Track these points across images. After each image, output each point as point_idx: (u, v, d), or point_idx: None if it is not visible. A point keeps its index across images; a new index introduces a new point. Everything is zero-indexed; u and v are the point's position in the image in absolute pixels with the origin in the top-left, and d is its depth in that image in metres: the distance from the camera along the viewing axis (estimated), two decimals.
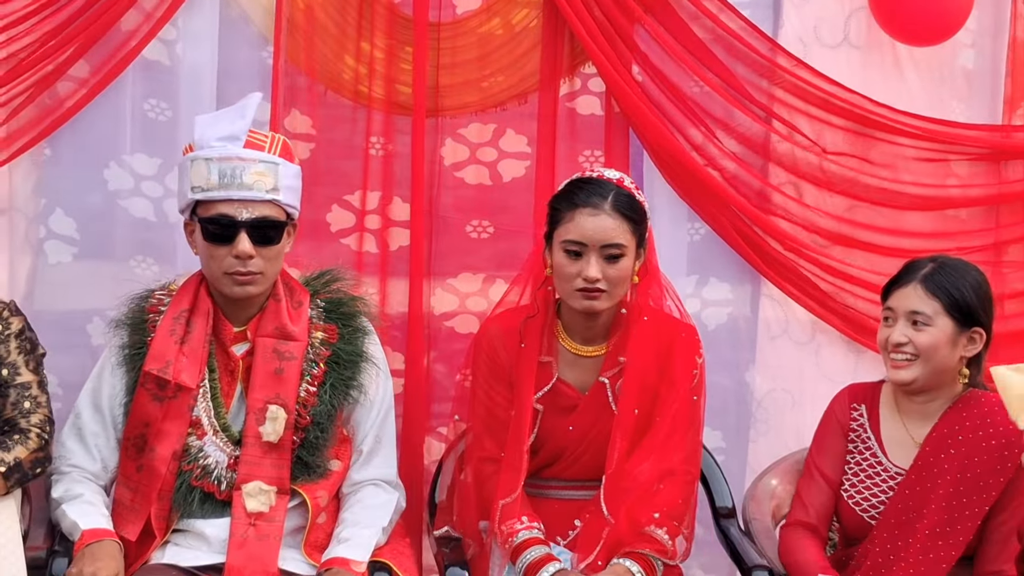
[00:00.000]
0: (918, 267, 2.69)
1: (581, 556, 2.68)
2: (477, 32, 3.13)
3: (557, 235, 2.66)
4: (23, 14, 2.84)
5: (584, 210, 2.62)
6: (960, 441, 2.67)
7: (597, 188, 2.67)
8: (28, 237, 3.04)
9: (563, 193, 2.70)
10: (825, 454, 2.83)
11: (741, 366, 3.34)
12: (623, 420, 2.71)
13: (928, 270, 2.66)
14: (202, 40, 3.02)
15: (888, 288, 2.71)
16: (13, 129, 2.91)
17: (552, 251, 2.69)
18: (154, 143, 3.03)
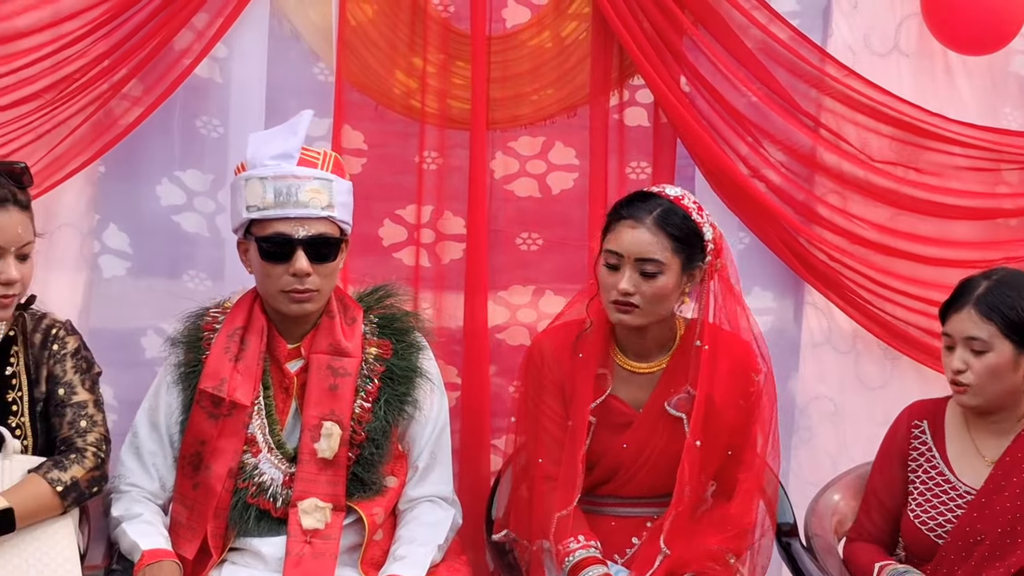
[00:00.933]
0: (972, 287, 2.60)
1: (638, 574, 2.61)
2: (528, 45, 3.07)
3: (602, 246, 2.63)
4: (78, 35, 2.80)
5: (626, 222, 2.56)
6: None
7: (645, 202, 2.59)
8: (83, 252, 2.99)
9: (616, 205, 2.64)
10: (881, 476, 2.77)
11: (783, 374, 3.22)
12: (689, 450, 2.64)
13: (982, 290, 2.57)
14: (252, 57, 2.97)
15: (945, 311, 2.62)
16: (69, 147, 2.85)
17: (599, 262, 2.65)
18: (205, 159, 3.00)
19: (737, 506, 2.70)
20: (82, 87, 2.88)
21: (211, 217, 3.03)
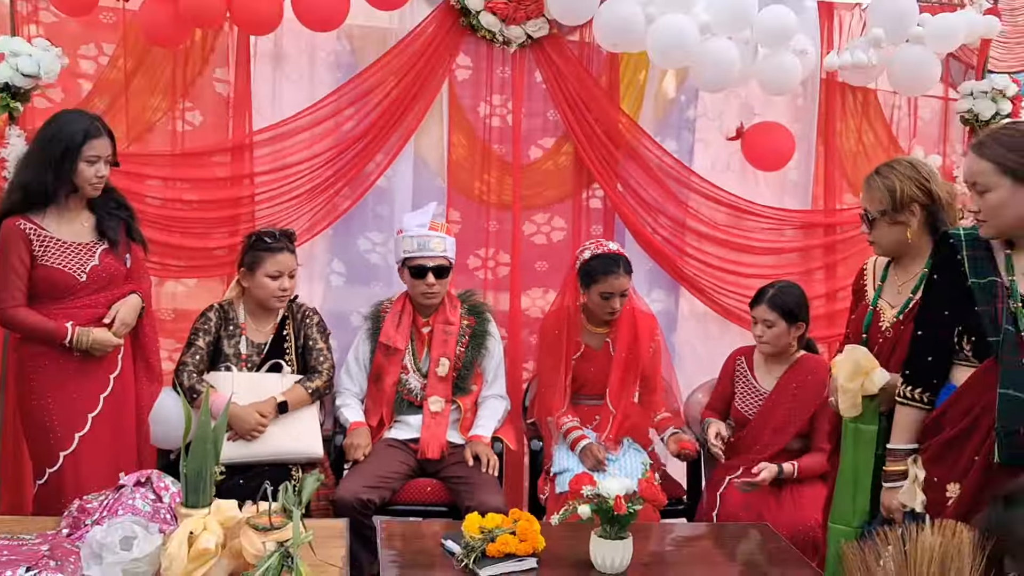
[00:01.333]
0: (765, 291, 3.45)
1: (600, 435, 3.47)
2: (541, 169, 4.01)
3: (597, 287, 3.43)
4: (318, 162, 3.76)
5: (613, 274, 3.40)
6: (797, 379, 3.41)
7: (616, 262, 3.43)
8: (321, 273, 3.97)
9: (603, 264, 3.44)
10: (720, 384, 3.64)
11: (669, 334, 4.09)
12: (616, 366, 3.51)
13: (771, 293, 3.43)
14: (404, 173, 3.95)
15: (752, 303, 3.49)
16: (316, 219, 3.83)
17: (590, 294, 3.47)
18: (381, 226, 3.98)
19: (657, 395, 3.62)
20: (323, 190, 3.79)
21: (385, 255, 3.94)
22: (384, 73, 3.81)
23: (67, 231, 3.03)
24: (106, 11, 3.68)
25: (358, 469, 3.33)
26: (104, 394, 3.09)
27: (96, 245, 3.06)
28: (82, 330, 2.99)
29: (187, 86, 3.78)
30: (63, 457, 3.01)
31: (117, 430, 3.12)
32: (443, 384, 3.52)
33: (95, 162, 2.97)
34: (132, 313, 3.12)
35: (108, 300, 3.10)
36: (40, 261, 2.97)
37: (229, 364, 3.40)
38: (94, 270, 3.03)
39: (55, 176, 2.94)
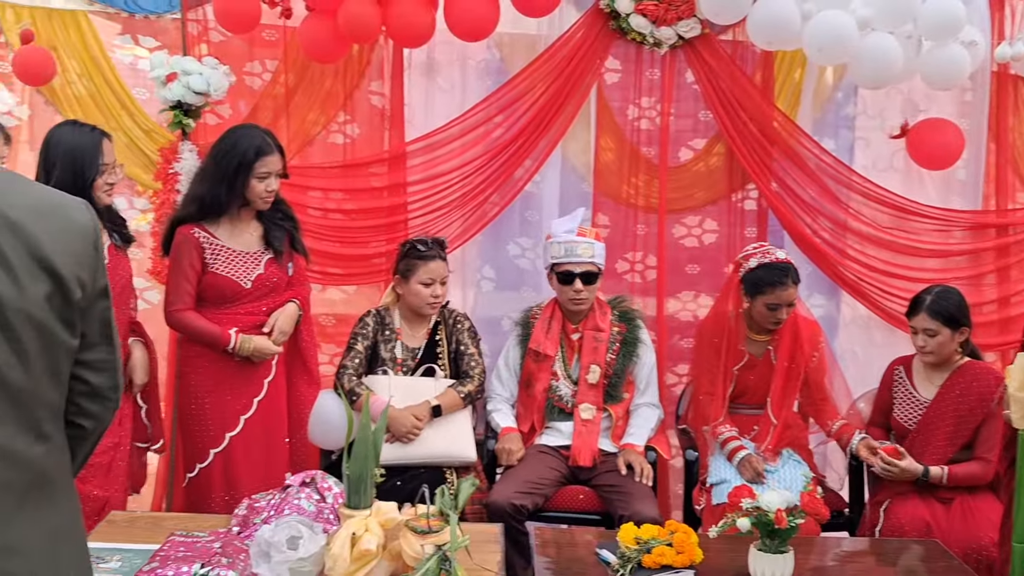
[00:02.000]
0: (922, 299, 3.30)
1: (759, 446, 3.41)
2: (691, 170, 3.95)
3: (762, 298, 3.34)
4: (469, 170, 3.83)
5: (781, 286, 3.32)
6: (960, 386, 3.27)
7: (785, 272, 3.34)
8: (471, 279, 4.03)
9: (771, 274, 3.35)
10: (879, 394, 3.53)
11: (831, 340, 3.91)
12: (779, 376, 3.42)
13: (930, 300, 3.27)
14: (552, 178, 3.98)
15: (909, 312, 3.35)
16: (467, 226, 3.87)
17: (755, 304, 3.37)
18: (529, 231, 4.01)
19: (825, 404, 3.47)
20: (471, 199, 3.85)
21: (533, 261, 3.97)
22: (533, 79, 3.83)
23: (237, 241, 3.17)
24: (268, 29, 3.85)
25: (511, 474, 3.35)
26: (258, 397, 3.21)
27: (262, 254, 3.20)
28: (244, 337, 3.11)
29: (345, 99, 3.90)
30: (213, 454, 3.16)
31: (268, 432, 3.24)
32: (594, 391, 3.51)
33: (266, 178, 3.10)
34: (290, 322, 3.23)
35: (269, 307, 3.22)
36: (210, 268, 3.12)
37: (386, 368, 3.47)
38: (259, 278, 3.16)
39: (228, 190, 3.08)
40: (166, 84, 3.60)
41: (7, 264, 1.32)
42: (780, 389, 3.44)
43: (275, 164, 3.12)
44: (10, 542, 1.31)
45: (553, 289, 3.58)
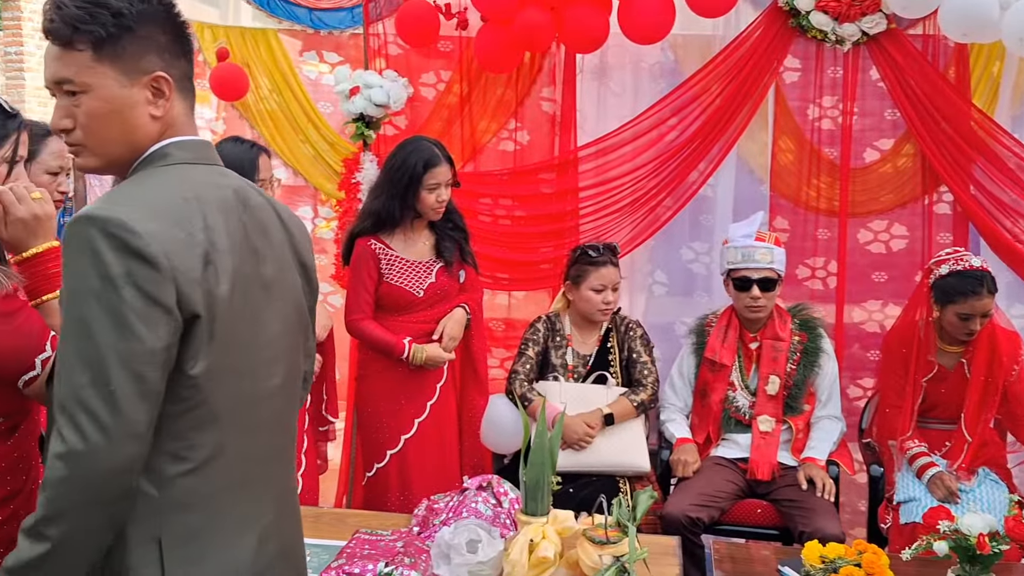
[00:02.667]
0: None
1: (951, 463, 3.24)
2: (878, 172, 3.77)
3: (953, 307, 3.19)
4: (641, 174, 3.79)
5: (975, 295, 3.15)
6: None
7: (981, 281, 3.16)
8: (643, 284, 3.99)
9: (968, 284, 3.17)
10: None
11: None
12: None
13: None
14: (727, 181, 3.88)
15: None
16: (638, 231, 3.84)
17: (946, 313, 3.22)
18: (703, 235, 3.95)
19: None
20: (643, 204, 3.82)
21: (709, 265, 3.91)
22: (708, 80, 3.75)
23: (410, 251, 3.30)
24: (444, 40, 3.94)
25: (686, 486, 3.30)
26: (431, 402, 3.33)
27: (434, 264, 3.31)
28: (417, 347, 3.23)
29: (516, 106, 3.95)
30: (389, 455, 3.29)
31: (441, 435, 3.34)
32: (773, 403, 3.43)
33: (436, 188, 3.19)
34: (458, 327, 3.32)
35: (441, 316, 3.32)
36: (385, 278, 3.26)
37: (557, 374, 3.48)
38: (431, 287, 3.28)
39: (401, 203, 3.21)
40: (349, 98, 3.74)
41: (308, 271, 1.59)
42: (976, 404, 3.24)
43: (444, 175, 3.21)
44: None
45: (729, 296, 3.53)
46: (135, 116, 1.41)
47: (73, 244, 1.27)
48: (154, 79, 1.41)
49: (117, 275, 1.25)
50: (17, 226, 1.66)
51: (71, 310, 1.27)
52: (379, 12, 3.94)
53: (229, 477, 1.41)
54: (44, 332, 1.57)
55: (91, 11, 1.36)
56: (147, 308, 1.26)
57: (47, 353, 1.54)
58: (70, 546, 1.27)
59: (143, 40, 1.39)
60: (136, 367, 1.25)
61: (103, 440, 1.23)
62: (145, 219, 1.28)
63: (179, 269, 1.29)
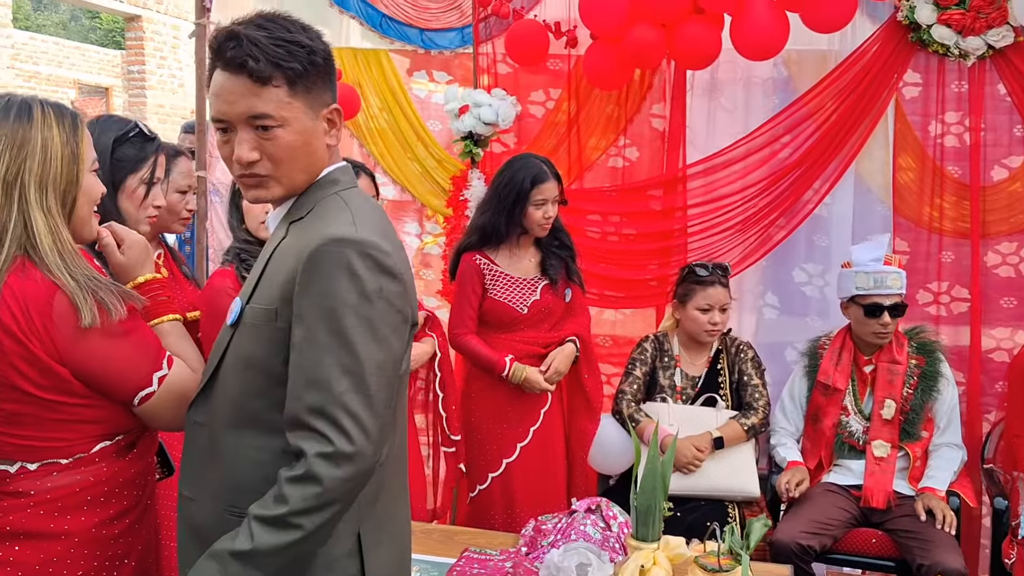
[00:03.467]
0: None
1: None
2: (1006, 191, 3.61)
3: None
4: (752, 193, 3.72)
5: None
6: None
7: None
8: (754, 306, 3.91)
9: None
10: None
11: None
12: None
13: None
14: (844, 201, 3.77)
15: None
16: (749, 251, 3.76)
17: None
18: (817, 257, 3.81)
19: None
20: (755, 223, 3.72)
21: (821, 288, 3.79)
22: (824, 96, 3.66)
23: (515, 267, 3.32)
24: (554, 58, 3.96)
25: (797, 512, 3.23)
26: (534, 427, 3.33)
27: (539, 281, 3.32)
28: (518, 367, 3.24)
29: (625, 123, 3.94)
30: (491, 478, 3.31)
31: (545, 459, 3.33)
32: (888, 428, 3.34)
33: (543, 205, 3.21)
34: (566, 362, 3.31)
35: (546, 335, 3.33)
36: (489, 293, 3.28)
37: (664, 395, 3.45)
38: (535, 304, 3.29)
39: (507, 219, 3.23)
40: (459, 116, 3.80)
41: None
42: None
43: (551, 191, 3.22)
44: None
45: (850, 320, 3.43)
46: (319, 147, 1.53)
47: (328, 263, 1.40)
48: (331, 111, 1.52)
49: (372, 291, 1.40)
50: (134, 250, 1.75)
51: (326, 324, 1.39)
52: (489, 32, 3.99)
53: (395, 471, 1.58)
54: (161, 351, 1.63)
55: (289, 49, 1.45)
56: (396, 320, 1.43)
57: (163, 371, 1.61)
58: (315, 536, 1.40)
59: (323, 76, 1.50)
60: (388, 374, 1.41)
61: (366, 441, 1.38)
62: (384, 240, 1.45)
63: (408, 283, 1.48)
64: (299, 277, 1.42)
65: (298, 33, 1.48)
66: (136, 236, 1.79)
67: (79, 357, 1.52)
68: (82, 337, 1.51)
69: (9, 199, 1.52)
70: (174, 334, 1.73)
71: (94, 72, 14.83)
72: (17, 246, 1.52)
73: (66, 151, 1.56)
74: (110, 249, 1.73)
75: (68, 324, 1.49)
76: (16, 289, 1.48)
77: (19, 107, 1.55)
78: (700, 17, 3.42)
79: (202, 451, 1.56)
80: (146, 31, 11.17)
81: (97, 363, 1.54)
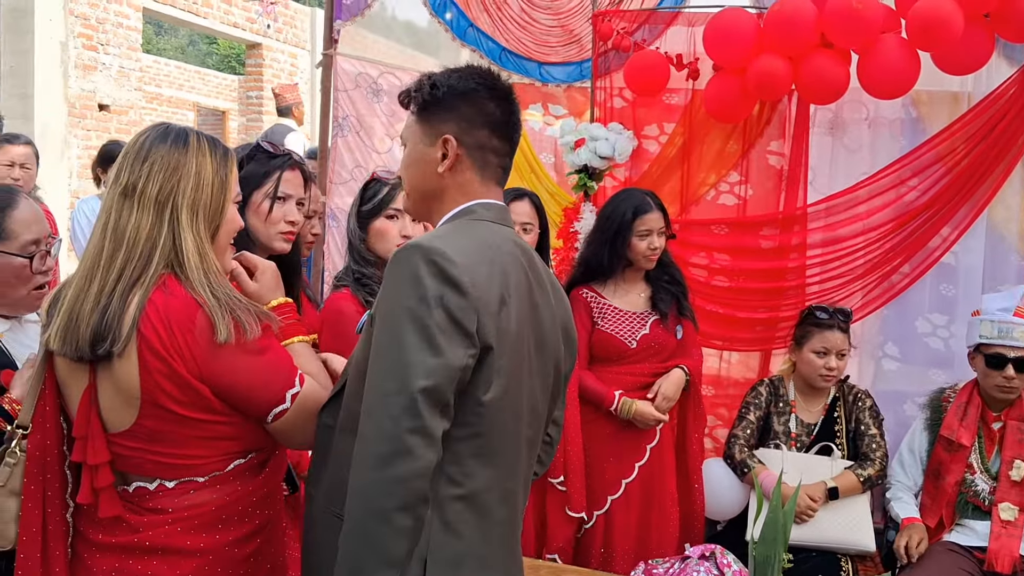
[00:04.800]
0: None
1: None
2: None
3: None
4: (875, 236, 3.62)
5: None
6: None
7: None
8: (873, 355, 3.78)
9: None
10: None
11: None
12: None
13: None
14: (975, 249, 3.60)
15: None
16: (870, 297, 3.60)
17: None
18: (944, 307, 3.68)
19: None
20: (879, 266, 3.59)
21: (947, 340, 3.66)
22: (955, 139, 3.52)
23: (623, 300, 3.29)
24: (671, 92, 3.92)
25: (916, 572, 3.10)
26: (640, 463, 3.27)
27: (648, 315, 3.27)
28: (627, 400, 3.19)
29: (740, 158, 3.86)
30: (596, 516, 3.24)
31: (649, 497, 3.26)
32: (1017, 489, 3.19)
33: (647, 236, 3.19)
34: (674, 388, 3.23)
35: (655, 370, 3.26)
36: (598, 326, 3.25)
37: (779, 442, 3.36)
38: (644, 339, 3.24)
39: (611, 251, 3.22)
40: (574, 149, 3.79)
41: (569, 337, 1.72)
42: None
43: (655, 222, 3.20)
44: None
45: (976, 372, 3.31)
46: (428, 172, 1.66)
47: (398, 267, 1.48)
48: (444, 141, 1.62)
49: (432, 297, 1.44)
50: (266, 276, 1.82)
51: (387, 324, 1.46)
52: (607, 66, 3.98)
53: (494, 515, 1.54)
54: (293, 369, 1.66)
55: (419, 83, 1.68)
56: (452, 329, 1.44)
57: (296, 388, 1.64)
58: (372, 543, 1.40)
59: (447, 109, 1.64)
60: (435, 380, 1.41)
61: (405, 442, 1.38)
62: (459, 253, 1.49)
63: (482, 300, 1.47)
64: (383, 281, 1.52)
65: (443, 75, 1.67)
66: (267, 263, 1.85)
67: (216, 372, 1.55)
68: (219, 352, 1.55)
69: (160, 218, 1.58)
70: (304, 355, 1.76)
71: (212, 96, 15.42)
72: (165, 264, 1.57)
73: (216, 179, 1.64)
74: (242, 278, 1.79)
75: (206, 339, 1.54)
76: (160, 306, 1.53)
77: (176, 134, 1.63)
78: (827, 51, 3.35)
79: (321, 451, 1.63)
80: (265, 58, 11.55)
81: (233, 379, 1.57)
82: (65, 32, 8.22)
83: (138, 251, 1.56)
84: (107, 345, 1.51)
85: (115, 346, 1.51)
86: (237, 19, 10.86)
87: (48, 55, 8.03)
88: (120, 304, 1.53)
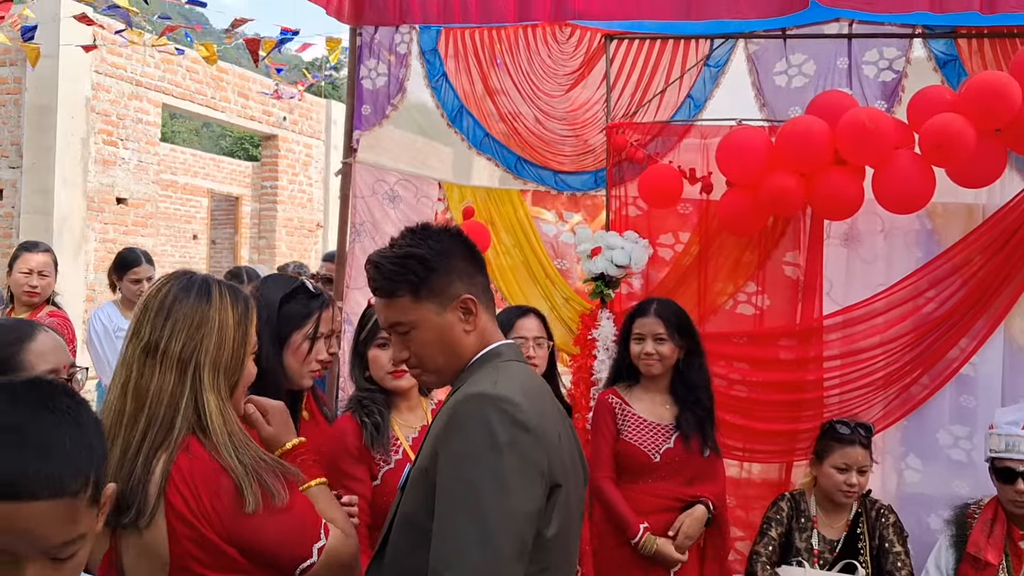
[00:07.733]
0: None
1: None
2: None
3: None
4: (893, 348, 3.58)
5: None
6: None
7: None
8: (893, 467, 3.66)
9: None
10: None
11: None
12: None
13: None
14: (993, 361, 3.57)
15: None
16: (890, 409, 3.62)
17: None
18: (965, 419, 3.61)
19: None
20: (896, 379, 3.58)
21: (969, 452, 3.63)
22: (971, 251, 3.56)
23: (648, 411, 3.24)
24: (686, 203, 3.97)
25: None
26: None
27: (673, 430, 3.21)
28: (650, 538, 3.14)
29: (756, 269, 3.88)
30: None
31: None
32: None
33: (641, 340, 3.23)
34: (696, 527, 3.18)
35: (678, 493, 3.21)
36: (622, 435, 3.22)
37: (801, 559, 3.27)
38: (668, 453, 3.19)
39: (625, 354, 3.25)
40: (591, 257, 3.82)
41: (583, 460, 1.72)
42: None
43: (648, 327, 3.21)
44: None
45: (995, 487, 3.24)
46: (454, 337, 1.66)
47: (467, 415, 1.50)
48: (463, 301, 1.65)
49: (504, 443, 1.46)
50: (277, 418, 1.83)
51: (458, 473, 1.47)
52: (622, 176, 4.04)
53: None
54: (318, 520, 1.66)
55: (402, 264, 1.66)
56: (528, 472, 1.47)
57: (322, 541, 1.63)
58: None
59: (446, 273, 1.67)
60: (516, 526, 1.43)
61: None
62: (520, 395, 1.53)
63: (546, 439, 1.52)
64: (442, 432, 1.53)
65: (415, 247, 1.67)
66: (276, 403, 1.86)
67: (244, 536, 1.55)
68: (246, 519, 1.55)
69: (183, 379, 1.58)
70: (323, 499, 1.76)
71: (227, 182, 15.66)
72: (187, 426, 1.57)
73: (237, 334, 1.65)
74: (259, 423, 1.80)
75: (233, 504, 1.53)
76: (185, 470, 1.53)
77: (199, 288, 1.64)
78: (841, 168, 3.39)
79: None
80: (280, 148, 11.77)
81: (260, 539, 1.56)
82: (86, 128, 8.43)
83: (160, 412, 1.56)
84: (132, 515, 1.50)
85: (141, 519, 1.51)
86: (254, 112, 11.08)
87: (69, 151, 8.23)
88: (144, 470, 1.53)
